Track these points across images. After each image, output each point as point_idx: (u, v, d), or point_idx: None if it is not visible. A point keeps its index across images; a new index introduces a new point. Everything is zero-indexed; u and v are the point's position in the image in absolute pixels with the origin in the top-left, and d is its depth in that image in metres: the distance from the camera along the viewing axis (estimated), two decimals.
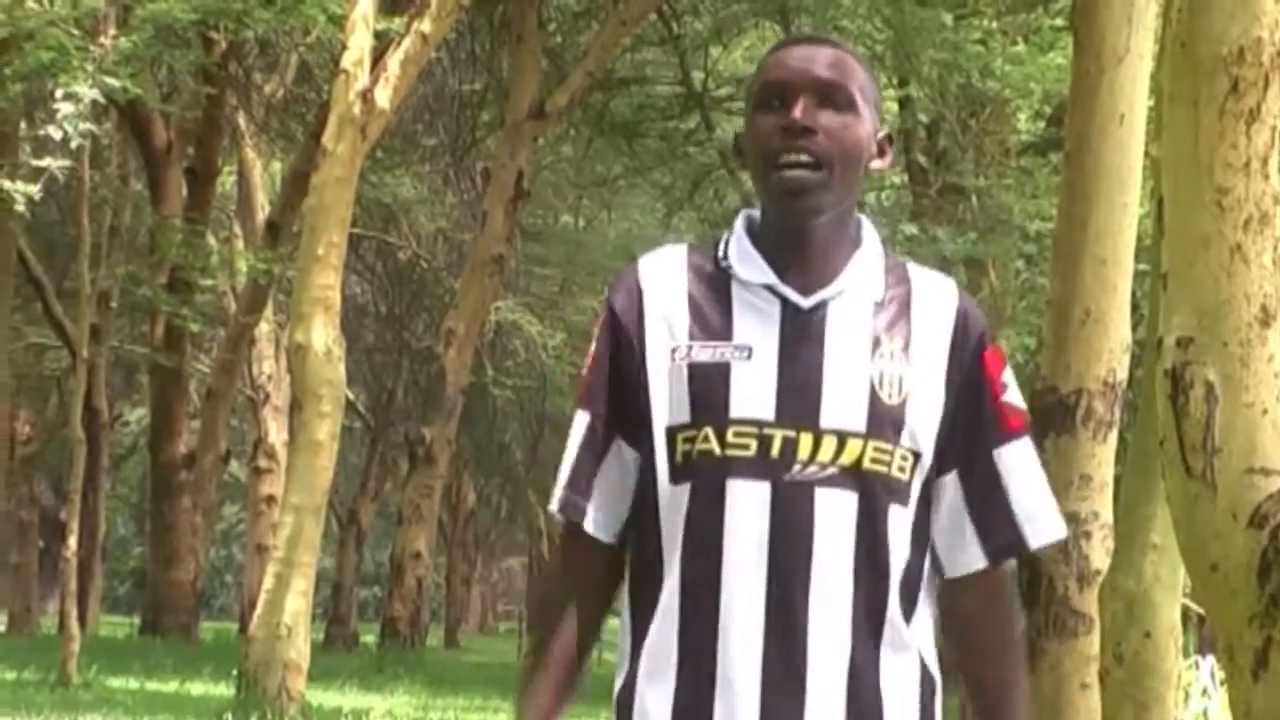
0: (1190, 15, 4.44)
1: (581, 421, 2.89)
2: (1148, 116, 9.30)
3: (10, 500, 35.08)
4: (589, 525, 2.87)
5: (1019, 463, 2.86)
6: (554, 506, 2.91)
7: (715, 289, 2.83)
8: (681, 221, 29.06)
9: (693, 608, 2.77)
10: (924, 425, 2.79)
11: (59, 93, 15.93)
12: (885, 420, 2.76)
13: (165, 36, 19.45)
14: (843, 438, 2.74)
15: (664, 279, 2.86)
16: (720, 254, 2.85)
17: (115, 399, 36.78)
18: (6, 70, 17.16)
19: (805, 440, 2.74)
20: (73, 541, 17.79)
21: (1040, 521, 2.87)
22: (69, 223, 23.42)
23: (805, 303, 2.79)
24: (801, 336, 2.77)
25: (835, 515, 2.74)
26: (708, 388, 2.77)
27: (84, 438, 19.10)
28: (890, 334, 2.80)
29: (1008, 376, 2.87)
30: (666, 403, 2.81)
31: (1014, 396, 2.87)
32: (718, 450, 2.76)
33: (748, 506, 2.74)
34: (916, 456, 2.78)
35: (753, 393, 2.76)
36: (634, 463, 2.85)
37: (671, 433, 2.80)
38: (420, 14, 15.60)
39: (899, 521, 2.77)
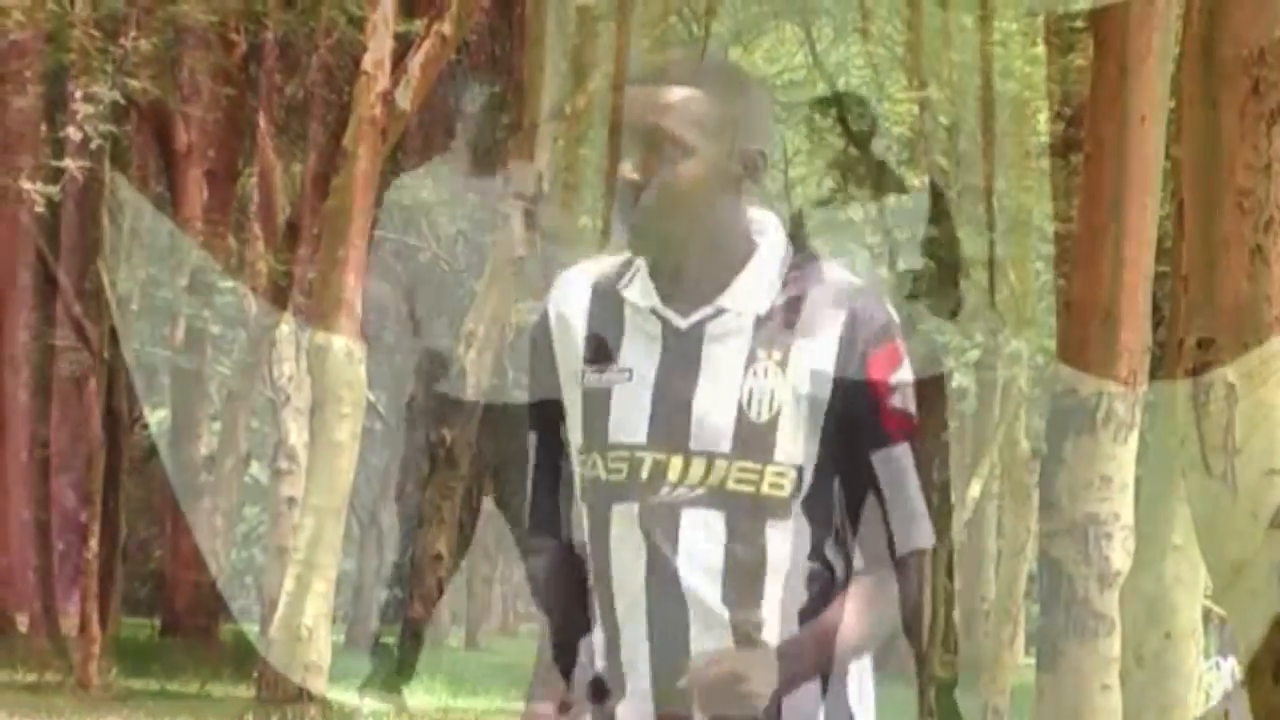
0: (1210, 17, 4.43)
1: (533, 442, 2.98)
2: (1168, 118, 9.29)
3: (31, 502, 35.13)
4: (565, 537, 2.95)
5: (895, 469, 2.83)
6: (534, 532, 2.99)
7: (612, 311, 2.87)
8: None
9: (605, 631, 2.86)
10: (800, 438, 2.79)
11: (79, 94, 15.96)
12: (752, 440, 2.78)
13: (185, 38, 19.46)
14: (710, 459, 2.78)
15: (569, 304, 2.91)
16: (620, 276, 2.89)
17: (135, 401, 36.79)
18: (27, 72, 17.18)
19: (675, 463, 2.79)
20: (93, 543, 17.80)
21: (911, 531, 2.85)
22: (89, 224, 23.43)
23: (683, 324, 2.82)
24: (679, 358, 2.81)
25: (700, 536, 2.77)
26: (594, 413, 2.85)
27: (104, 440, 19.10)
28: (769, 348, 2.80)
29: (898, 378, 2.83)
30: (575, 426, 2.89)
31: (901, 400, 2.83)
32: (602, 475, 2.83)
33: (623, 530, 2.81)
34: (798, 470, 2.79)
35: (628, 417, 2.81)
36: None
37: (579, 454, 2.89)
38: (440, 16, 15.61)
39: (779, 537, 2.79)
